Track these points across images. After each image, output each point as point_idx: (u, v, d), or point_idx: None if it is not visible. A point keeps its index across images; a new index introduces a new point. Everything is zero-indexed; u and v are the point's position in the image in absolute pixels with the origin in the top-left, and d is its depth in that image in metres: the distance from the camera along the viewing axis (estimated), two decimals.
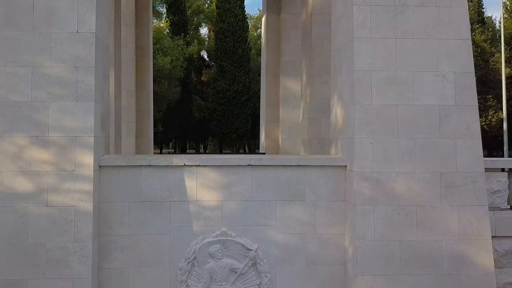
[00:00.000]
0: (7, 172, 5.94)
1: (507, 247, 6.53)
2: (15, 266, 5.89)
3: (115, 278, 6.35)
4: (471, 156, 6.28)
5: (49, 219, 5.94)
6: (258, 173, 6.54)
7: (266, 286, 6.47)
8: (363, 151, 6.22)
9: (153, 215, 6.41)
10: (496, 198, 6.60)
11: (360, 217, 6.17)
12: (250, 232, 6.49)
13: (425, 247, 6.19)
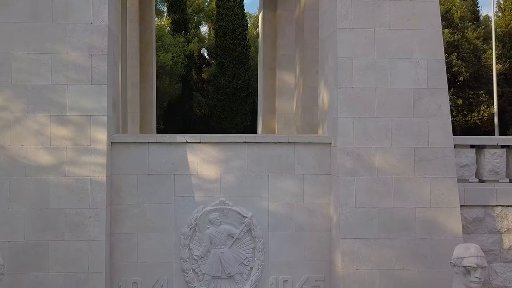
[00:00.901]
0: (31, 147, 6.74)
1: (475, 215, 7.32)
2: (38, 229, 6.68)
3: (125, 242, 7.14)
4: (442, 133, 7.07)
5: (67, 188, 6.73)
6: (253, 150, 7.33)
7: (259, 249, 7.26)
8: (345, 129, 7.01)
9: (159, 186, 7.20)
10: (465, 171, 7.39)
11: (342, 187, 6.96)
12: (245, 202, 7.28)
13: (401, 214, 6.98)
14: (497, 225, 7.36)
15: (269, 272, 7.28)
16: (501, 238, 7.36)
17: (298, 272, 7.30)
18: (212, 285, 7.21)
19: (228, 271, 7.21)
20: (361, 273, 6.89)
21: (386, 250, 6.93)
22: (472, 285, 5.45)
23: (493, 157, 7.38)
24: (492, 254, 7.34)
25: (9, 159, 6.70)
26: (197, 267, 7.19)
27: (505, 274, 7.35)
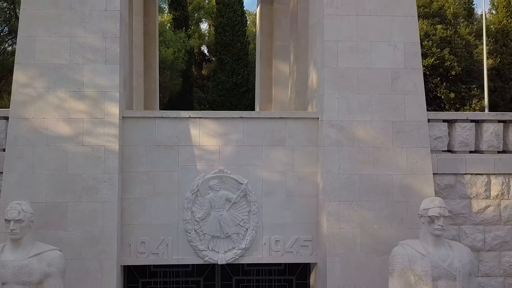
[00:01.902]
0: (51, 119, 7.60)
1: (447, 182, 8.18)
2: (57, 192, 7.55)
3: (134, 205, 8.01)
4: (417, 108, 7.94)
5: (84, 156, 7.60)
6: (248, 124, 8.20)
7: (254, 212, 8.13)
8: (331, 104, 7.88)
9: (165, 156, 8.07)
10: (438, 143, 8.25)
11: (328, 156, 7.83)
12: (242, 170, 8.14)
13: (379, 180, 7.84)
14: (467, 191, 8.22)
15: (262, 232, 8.15)
16: (470, 202, 8.23)
17: (289, 233, 8.17)
18: (212, 243, 8.08)
19: (226, 232, 8.08)
20: (344, 232, 7.76)
21: (367, 211, 7.80)
22: (435, 232, 6.32)
23: (463, 130, 8.25)
24: (462, 217, 8.21)
25: (32, 130, 7.57)
26: (198, 227, 8.06)
27: (473, 235, 8.21)
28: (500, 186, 8.23)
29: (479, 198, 8.24)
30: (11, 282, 5.89)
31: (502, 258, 8.26)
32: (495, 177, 8.24)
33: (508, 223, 8.25)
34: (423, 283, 6.15)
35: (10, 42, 33.90)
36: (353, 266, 7.71)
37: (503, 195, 8.24)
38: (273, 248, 8.17)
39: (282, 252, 8.18)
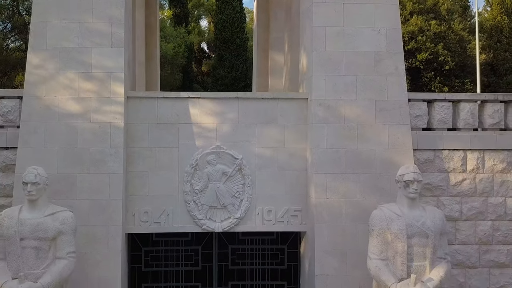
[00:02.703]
0: (62, 98, 8.29)
1: (426, 157, 8.85)
2: (67, 164, 8.23)
3: (138, 178, 8.69)
4: (398, 88, 8.62)
5: (92, 131, 8.28)
6: (243, 104, 8.88)
7: (248, 185, 8.80)
8: (318, 85, 8.56)
9: (166, 133, 8.75)
10: (418, 121, 8.92)
11: (315, 132, 8.51)
12: (237, 146, 8.82)
13: (363, 154, 8.52)
14: (445, 166, 8.90)
15: (256, 203, 8.83)
16: (448, 176, 8.91)
17: (280, 204, 8.86)
18: (209, 213, 8.76)
19: (223, 202, 8.76)
20: (331, 202, 8.44)
21: (351, 183, 8.47)
22: (410, 195, 7.01)
23: (442, 109, 8.93)
24: (440, 189, 8.89)
25: (44, 108, 8.26)
26: (197, 199, 8.74)
27: (451, 206, 8.89)
28: (475, 161, 8.91)
29: (456, 172, 8.92)
30: (29, 237, 6.57)
31: (477, 228, 8.94)
32: (471, 152, 8.92)
33: (482, 195, 8.93)
34: (398, 240, 6.83)
35: (13, 38, 34.59)
36: (339, 232, 8.40)
37: (478, 169, 8.92)
38: (265, 218, 8.85)
39: (274, 222, 8.86)
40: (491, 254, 8.94)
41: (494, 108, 8.99)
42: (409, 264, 6.84)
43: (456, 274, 8.90)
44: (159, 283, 9.16)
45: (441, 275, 6.84)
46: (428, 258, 6.85)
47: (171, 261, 9.20)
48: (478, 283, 8.93)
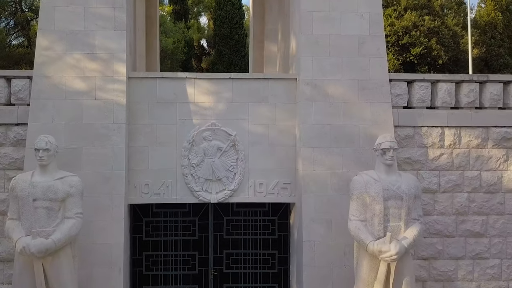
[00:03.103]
0: (69, 77, 8.97)
1: (406, 133, 9.53)
2: (73, 138, 8.91)
3: (139, 153, 9.37)
4: (380, 69, 9.29)
5: (96, 108, 8.96)
6: (237, 84, 9.55)
7: (241, 159, 9.48)
8: (306, 65, 9.24)
9: (165, 111, 9.42)
10: (399, 99, 9.59)
11: (303, 109, 9.19)
12: (231, 124, 9.49)
13: (347, 130, 9.20)
14: (424, 141, 9.58)
15: (248, 176, 9.50)
16: (427, 151, 9.58)
17: (271, 177, 9.53)
18: (206, 185, 9.44)
19: (218, 175, 9.44)
20: (317, 173, 9.12)
21: (336, 156, 9.15)
22: (386, 162, 7.68)
23: (421, 89, 9.60)
24: (420, 163, 9.56)
25: (52, 86, 8.94)
26: (194, 172, 9.42)
27: (429, 179, 9.57)
28: (452, 137, 9.59)
29: (434, 147, 9.59)
30: (41, 198, 7.25)
31: (454, 199, 9.61)
32: (448, 129, 9.59)
33: (459, 168, 9.60)
34: (376, 202, 7.50)
35: (16, 35, 35.25)
36: (325, 202, 9.07)
37: (455, 144, 9.60)
38: (257, 190, 9.53)
39: (265, 193, 9.54)
40: (467, 224, 9.61)
41: (470, 88, 9.66)
42: (386, 224, 7.51)
43: (435, 243, 9.58)
44: (158, 252, 9.84)
45: (415, 234, 7.51)
46: (403, 219, 7.52)
47: (170, 231, 9.88)
48: (455, 251, 9.60)
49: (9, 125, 9.22)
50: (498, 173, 9.62)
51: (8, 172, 9.18)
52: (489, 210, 9.60)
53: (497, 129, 9.63)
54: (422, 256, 9.56)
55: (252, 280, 9.94)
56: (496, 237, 9.62)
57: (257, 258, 9.96)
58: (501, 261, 9.63)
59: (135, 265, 9.77)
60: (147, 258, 9.82)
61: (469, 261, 9.60)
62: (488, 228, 9.62)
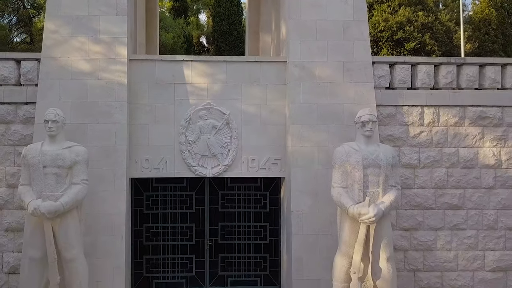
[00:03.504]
0: (74, 58, 9.66)
1: (388, 112, 10.21)
2: (79, 115, 9.60)
3: (140, 130, 10.06)
4: (363, 52, 9.98)
5: (100, 87, 9.65)
6: (231, 66, 10.24)
7: (235, 137, 10.16)
8: (295, 48, 9.93)
9: (164, 91, 10.11)
10: (382, 80, 10.28)
11: (292, 89, 9.88)
12: (225, 103, 10.18)
13: (333, 108, 9.89)
14: (405, 120, 10.27)
15: (241, 153, 10.19)
16: (408, 129, 10.27)
17: (262, 153, 10.22)
18: (202, 161, 10.13)
19: (213, 152, 10.13)
20: (305, 149, 9.81)
21: (322, 133, 9.84)
22: (365, 133, 8.37)
23: (402, 70, 10.29)
24: (401, 140, 10.25)
25: (59, 67, 9.63)
26: (191, 148, 10.11)
27: (410, 155, 10.26)
28: (431, 115, 10.28)
29: (414, 125, 10.28)
30: (50, 165, 7.94)
31: (433, 174, 10.30)
32: (428, 108, 10.29)
33: (438, 145, 10.29)
34: (356, 170, 8.19)
35: (19, 31, 35.92)
36: (312, 175, 9.76)
37: (434, 123, 10.29)
38: (250, 165, 10.22)
39: (257, 168, 10.23)
40: (446, 197, 10.30)
41: (448, 69, 10.35)
42: (365, 190, 8.19)
43: (415, 214, 10.27)
44: (158, 224, 10.54)
45: (391, 199, 8.19)
46: (381, 186, 8.21)
47: (169, 205, 10.57)
48: (435, 222, 10.29)
49: (19, 104, 9.92)
50: (474, 149, 10.31)
51: (18, 148, 9.87)
52: (466, 184, 10.29)
53: (473, 108, 10.32)
54: (404, 227, 10.25)
55: (245, 250, 10.65)
56: (473, 210, 10.31)
57: (250, 230, 10.66)
58: (477, 232, 10.32)
59: (136, 236, 10.46)
60: (147, 229, 10.52)
61: (448, 232, 10.29)
62: (465, 201, 10.31)
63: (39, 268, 8.00)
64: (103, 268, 9.33)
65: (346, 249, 8.34)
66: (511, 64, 10.43)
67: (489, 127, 10.33)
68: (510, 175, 10.32)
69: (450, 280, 10.24)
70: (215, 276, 10.60)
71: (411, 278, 10.23)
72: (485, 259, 10.29)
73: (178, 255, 10.55)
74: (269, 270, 10.64)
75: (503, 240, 10.31)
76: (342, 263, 8.38)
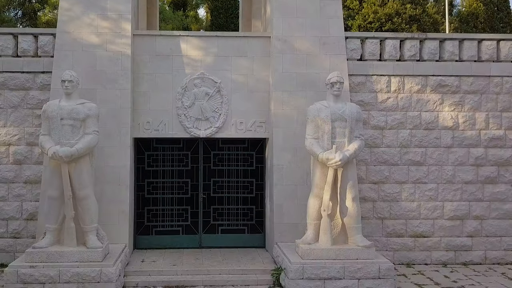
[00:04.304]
0: (85, 33, 11.13)
1: (359, 80, 11.68)
2: (89, 81, 11.05)
3: (142, 96, 11.52)
4: (337, 28, 11.43)
5: (107, 57, 11.12)
6: (222, 41, 11.71)
7: (225, 103, 11.61)
8: (277, 24, 11.39)
9: (163, 63, 11.58)
10: (354, 53, 11.75)
11: (275, 60, 11.35)
12: (217, 73, 11.64)
13: (310, 77, 11.34)
14: (374, 87, 11.74)
15: (231, 117, 11.65)
16: (376, 95, 11.74)
17: (249, 117, 11.68)
18: (196, 124, 11.58)
19: (206, 115, 11.59)
20: (286, 112, 11.27)
21: (301, 98, 11.30)
22: (334, 92, 9.83)
23: (371, 44, 11.76)
24: (370, 105, 11.72)
25: (72, 40, 11.10)
26: (186, 112, 11.57)
27: (378, 118, 11.73)
28: (397, 84, 11.75)
29: (382, 92, 11.75)
30: (66, 118, 9.40)
31: (399, 135, 11.77)
32: (394, 77, 11.76)
33: (403, 109, 11.76)
34: (325, 123, 9.65)
35: (24, 25, 37.36)
36: (291, 134, 11.22)
37: (399, 90, 11.76)
38: (238, 128, 11.69)
39: (245, 130, 11.70)
40: (409, 155, 11.78)
41: (412, 44, 11.82)
42: (333, 140, 9.64)
43: (383, 170, 11.74)
44: (158, 179, 12.02)
45: (355, 148, 9.65)
46: (346, 137, 9.67)
47: (167, 163, 12.06)
48: (400, 176, 11.76)
49: (36, 73, 11.40)
50: (434, 113, 11.79)
51: (36, 111, 11.35)
52: (427, 143, 11.77)
53: (434, 78, 11.80)
54: (372, 180, 11.73)
55: (234, 202, 12.14)
56: (433, 166, 11.79)
57: (238, 185, 12.15)
58: (437, 185, 11.79)
59: (138, 189, 11.94)
60: (148, 184, 12.00)
61: (411, 185, 11.77)
62: (426, 158, 11.78)
63: (57, 205, 9.48)
64: (110, 212, 10.80)
65: (317, 191, 9.81)
66: (467, 39, 11.91)
67: (448, 94, 11.81)
68: (466, 135, 11.79)
69: (413, 227, 11.72)
70: (208, 224, 12.10)
71: (379, 225, 11.71)
72: (444, 209, 11.77)
73: (176, 207, 12.04)
74: (255, 220, 12.14)
75: (459, 192, 11.79)
76: (314, 203, 9.86)
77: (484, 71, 11.83)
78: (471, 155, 11.82)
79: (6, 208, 11.33)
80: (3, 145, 11.36)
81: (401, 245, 11.71)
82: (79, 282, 9.09)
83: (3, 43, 11.40)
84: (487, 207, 11.81)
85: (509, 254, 11.76)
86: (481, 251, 11.79)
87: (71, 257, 9.25)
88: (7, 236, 11.34)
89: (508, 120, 11.83)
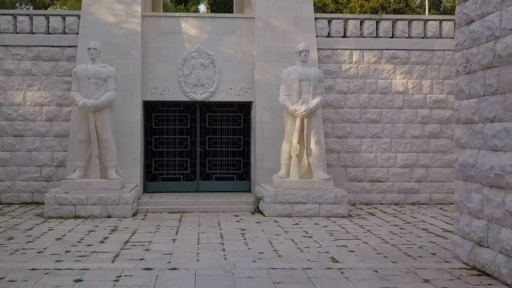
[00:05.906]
0: (104, 13, 13.78)
1: (326, 54, 14.29)
2: (108, 54, 13.68)
3: (150, 67, 14.16)
4: (308, 10, 14.03)
5: (122, 34, 13.77)
6: (215, 21, 14.36)
7: (218, 72, 14.24)
8: (260, 7, 14.02)
9: (167, 40, 14.23)
10: (322, 31, 14.32)
11: (258, 37, 13.98)
12: (211, 48, 14.28)
13: (286, 50, 13.95)
14: (339, 59, 14.38)
15: (222, 84, 14.29)
16: (341, 65, 14.38)
17: (237, 84, 14.33)
18: (194, 89, 14.23)
19: (202, 82, 14.23)
20: (266, 78, 13.91)
21: (279, 67, 13.86)
22: (301, 59, 12.46)
23: (337, 24, 14.40)
24: (336, 73, 14.36)
25: (94, 20, 13.76)
26: (186, 80, 14.22)
27: (342, 84, 14.37)
28: (358, 56, 14.38)
29: (345, 63, 14.39)
30: (92, 77, 12.08)
31: (359, 98, 14.41)
32: (355, 51, 14.39)
33: (362, 77, 14.40)
34: (294, 83, 12.29)
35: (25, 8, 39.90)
36: (271, 97, 13.85)
37: (359, 61, 14.39)
38: (228, 93, 14.34)
39: (234, 95, 14.35)
40: (368, 114, 14.41)
41: (369, 23, 14.46)
42: (300, 96, 12.26)
43: (346, 126, 14.37)
44: (163, 136, 14.69)
45: (318, 101, 12.29)
46: (311, 93, 12.29)
47: (170, 122, 14.71)
48: (360, 132, 14.39)
49: (64, 47, 14.08)
50: (388, 80, 14.42)
51: (64, 77, 14.03)
52: (382, 105, 14.40)
53: (387, 51, 14.42)
54: (337, 135, 14.36)
55: (225, 155, 14.80)
56: (387, 123, 14.41)
57: (229, 141, 14.82)
58: (391, 140, 14.42)
59: (147, 144, 14.61)
60: (155, 140, 14.67)
61: (369, 139, 14.40)
62: (382, 117, 14.41)
63: (84, 146, 12.16)
64: (125, 159, 13.45)
65: (288, 137, 12.46)
66: (416, 19, 14.54)
67: (399, 64, 14.44)
68: (414, 99, 14.42)
69: (371, 174, 14.36)
70: (204, 173, 14.76)
71: (343, 172, 14.35)
72: (396, 159, 14.40)
73: (177, 158, 14.71)
74: (242, 169, 14.81)
75: (409, 145, 14.41)
76: (286, 147, 12.51)
77: (429, 46, 14.46)
78: (418, 114, 14.45)
79: (40, 157, 14.00)
80: (38, 106, 14.04)
81: (361, 188, 14.35)
82: (102, 204, 11.76)
83: (37, 22, 14.08)
84: (431, 157, 14.44)
85: (449, 196, 14.37)
86: (427, 193, 14.42)
87: (96, 186, 11.94)
88: (41, 180, 14.01)
89: (449, 86, 14.46)
